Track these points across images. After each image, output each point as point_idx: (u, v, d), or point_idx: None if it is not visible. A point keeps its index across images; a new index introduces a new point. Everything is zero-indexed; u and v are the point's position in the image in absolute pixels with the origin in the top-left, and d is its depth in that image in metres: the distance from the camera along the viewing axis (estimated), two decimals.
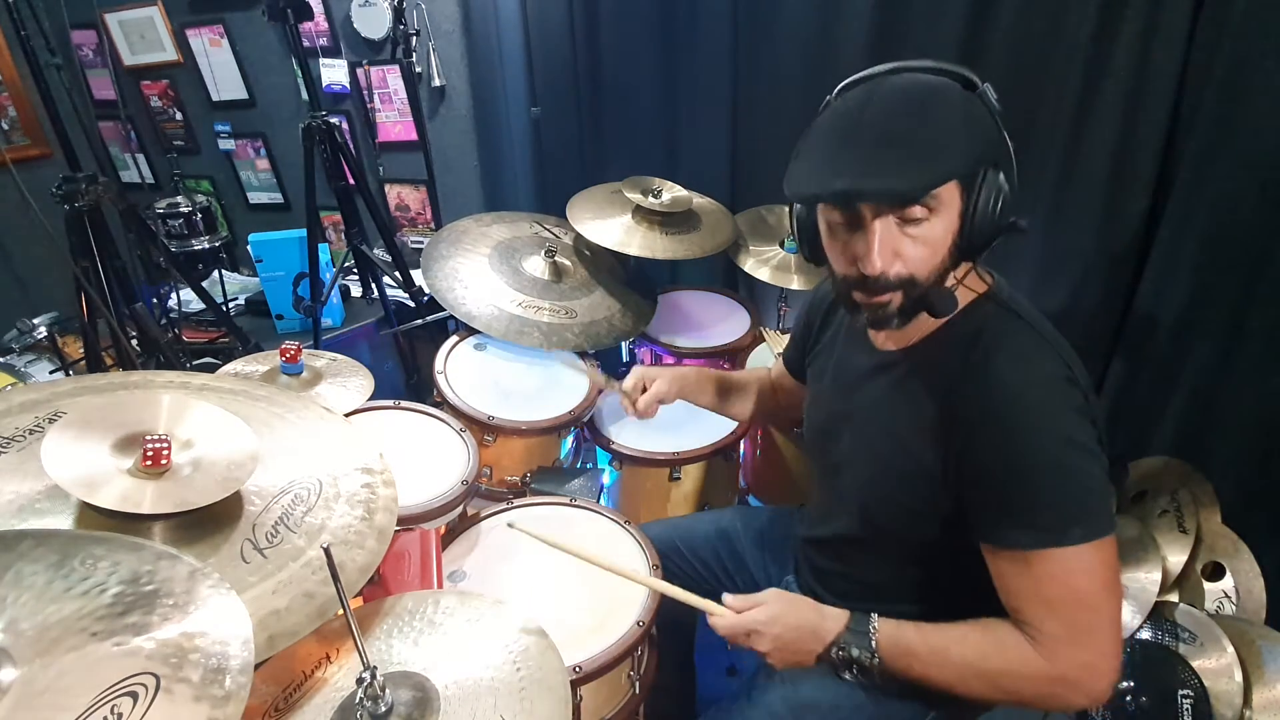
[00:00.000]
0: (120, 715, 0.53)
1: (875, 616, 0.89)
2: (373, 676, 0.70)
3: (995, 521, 0.82)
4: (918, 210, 0.79)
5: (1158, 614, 1.21)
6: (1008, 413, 0.80)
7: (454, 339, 1.69)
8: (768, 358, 1.87)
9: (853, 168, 0.78)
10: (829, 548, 1.09)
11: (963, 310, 0.87)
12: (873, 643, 0.87)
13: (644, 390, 1.26)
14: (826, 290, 1.14)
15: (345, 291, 2.54)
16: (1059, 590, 0.78)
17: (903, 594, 1.00)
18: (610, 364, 2.15)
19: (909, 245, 0.81)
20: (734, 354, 1.91)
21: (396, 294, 2.38)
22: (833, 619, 0.91)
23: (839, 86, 0.87)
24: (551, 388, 1.63)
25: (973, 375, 0.83)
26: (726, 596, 0.97)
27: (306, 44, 2.41)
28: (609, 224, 1.79)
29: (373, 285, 2.36)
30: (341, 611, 0.72)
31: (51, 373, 2.24)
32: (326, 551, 0.68)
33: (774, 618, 0.93)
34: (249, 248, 2.34)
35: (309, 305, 2.21)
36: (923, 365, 0.90)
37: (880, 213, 0.79)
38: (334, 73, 2.54)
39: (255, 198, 2.99)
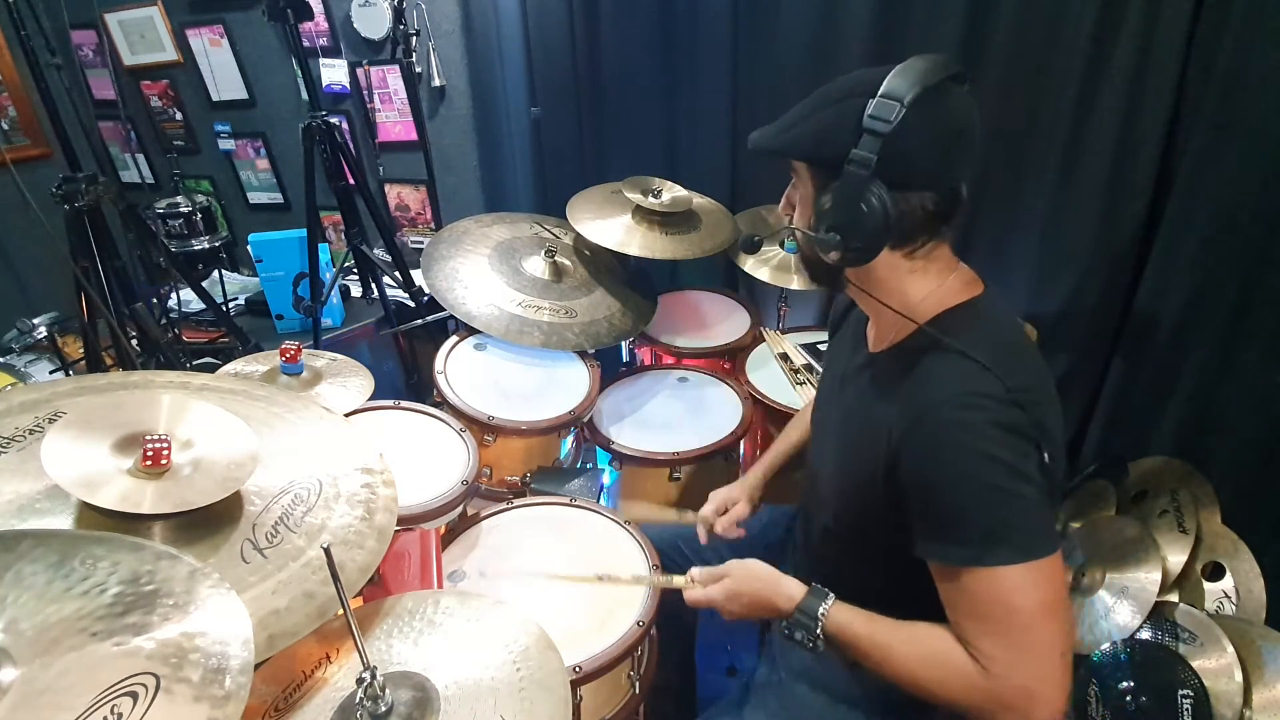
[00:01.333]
0: (120, 715, 0.53)
1: (828, 602, 0.89)
2: (373, 676, 0.70)
3: (925, 535, 0.82)
4: (793, 175, 0.92)
5: (1158, 614, 1.21)
6: (928, 424, 0.80)
7: (454, 339, 1.69)
8: (768, 357, 1.87)
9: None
10: (814, 547, 1.10)
11: (932, 320, 0.87)
12: (818, 629, 0.88)
13: (724, 513, 1.26)
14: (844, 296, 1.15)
15: (345, 291, 2.54)
16: (989, 609, 0.77)
17: (890, 600, 0.98)
18: (611, 363, 2.15)
19: (794, 202, 0.94)
20: (734, 354, 1.91)
21: (396, 294, 2.38)
22: (785, 598, 0.92)
23: None
24: (551, 388, 1.63)
25: (911, 386, 0.84)
26: (693, 570, 1.03)
27: (306, 44, 2.40)
28: (609, 224, 1.79)
29: (373, 285, 2.36)
30: (341, 611, 0.72)
31: (51, 373, 2.24)
32: (326, 551, 0.68)
33: (731, 595, 0.97)
34: (249, 248, 2.34)
35: (309, 305, 2.21)
36: (887, 369, 0.91)
37: None
38: (334, 73, 2.53)
39: (255, 198, 2.99)
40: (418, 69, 2.39)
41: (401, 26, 2.31)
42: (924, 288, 0.89)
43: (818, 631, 0.87)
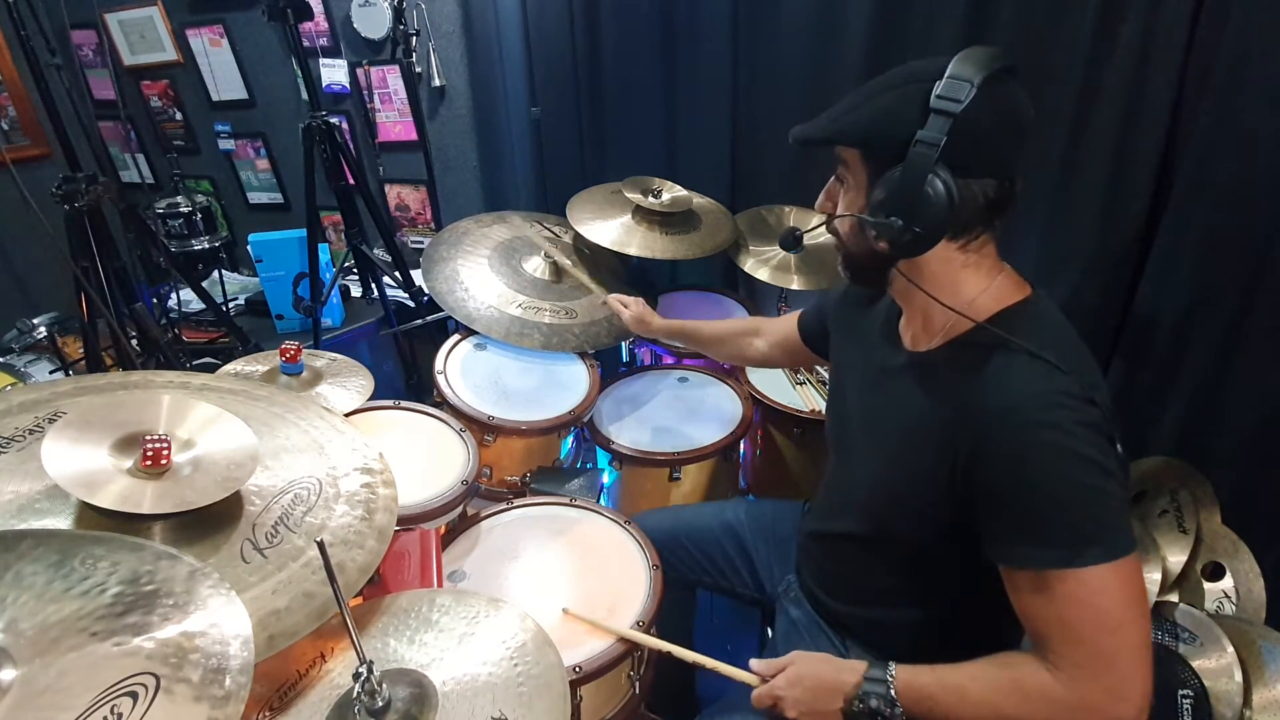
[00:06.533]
0: (120, 715, 0.53)
1: (892, 664, 0.86)
2: (369, 671, 0.70)
3: (1007, 539, 0.80)
4: (839, 167, 0.90)
5: (1158, 614, 1.21)
6: (1012, 425, 0.78)
7: (454, 339, 1.69)
8: None
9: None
10: (832, 545, 1.09)
11: (990, 319, 0.86)
12: (891, 690, 0.84)
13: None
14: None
15: (345, 291, 2.54)
16: (1078, 613, 0.75)
17: (901, 601, 0.99)
18: (610, 364, 2.15)
19: (836, 197, 0.92)
20: None
21: (396, 294, 2.38)
22: (849, 671, 0.88)
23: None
24: (551, 388, 1.63)
25: (983, 386, 0.82)
26: (753, 661, 0.97)
27: (306, 44, 2.41)
28: (609, 224, 1.80)
29: (373, 285, 2.36)
30: (337, 610, 0.72)
31: (51, 373, 2.24)
32: (320, 545, 0.68)
33: (793, 680, 0.91)
34: (249, 248, 2.34)
35: (309, 305, 2.21)
36: (943, 369, 0.89)
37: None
38: (334, 73, 2.53)
39: (255, 198, 2.99)
40: (418, 69, 2.39)
41: (401, 26, 2.31)
42: (976, 284, 0.87)
43: (891, 693, 0.84)
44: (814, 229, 1.05)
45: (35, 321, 2.36)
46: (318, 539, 0.68)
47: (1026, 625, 0.80)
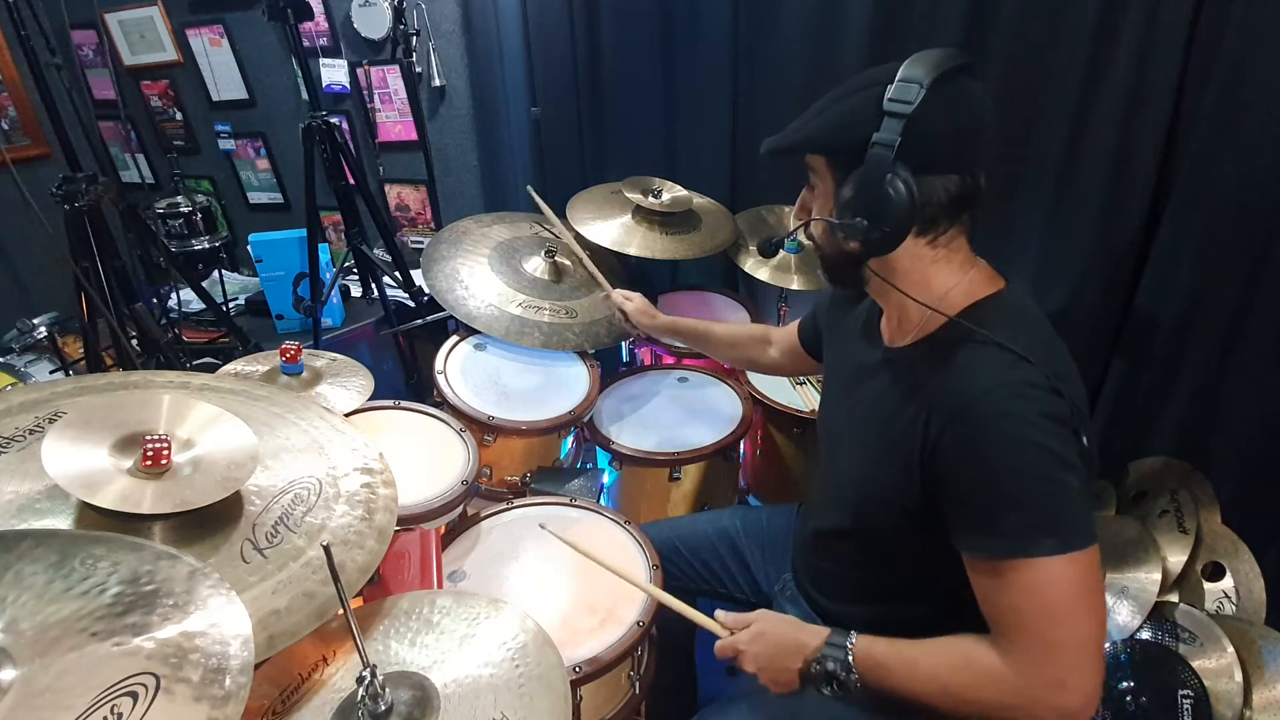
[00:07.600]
0: (120, 715, 0.53)
1: (853, 633, 0.88)
2: (373, 675, 0.70)
3: (965, 527, 0.81)
4: (810, 175, 0.93)
5: (1158, 614, 1.21)
6: (974, 415, 0.79)
7: (454, 339, 1.69)
8: None
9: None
10: (823, 543, 1.10)
11: (962, 311, 0.87)
12: (849, 656, 0.86)
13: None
14: None
15: (345, 291, 2.54)
16: (1029, 602, 0.76)
17: (894, 597, 0.99)
18: (610, 364, 2.15)
19: (809, 205, 0.95)
20: None
21: (396, 294, 2.38)
22: (811, 634, 0.91)
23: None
24: (551, 388, 1.63)
25: (950, 378, 0.83)
26: (719, 612, 0.99)
27: (306, 44, 2.41)
28: (609, 224, 1.80)
29: (373, 285, 2.36)
30: (340, 612, 0.72)
31: (51, 373, 2.24)
32: (326, 550, 0.68)
33: (757, 635, 0.94)
34: (249, 248, 2.34)
35: (309, 305, 2.21)
36: (916, 362, 0.91)
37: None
38: (334, 73, 2.53)
39: (255, 198, 2.99)
40: (418, 69, 2.39)
41: (401, 26, 2.31)
42: (948, 279, 0.89)
43: (848, 658, 0.86)
44: (791, 234, 1.09)
45: (35, 321, 2.36)
46: (324, 544, 0.68)
47: (983, 610, 0.82)
